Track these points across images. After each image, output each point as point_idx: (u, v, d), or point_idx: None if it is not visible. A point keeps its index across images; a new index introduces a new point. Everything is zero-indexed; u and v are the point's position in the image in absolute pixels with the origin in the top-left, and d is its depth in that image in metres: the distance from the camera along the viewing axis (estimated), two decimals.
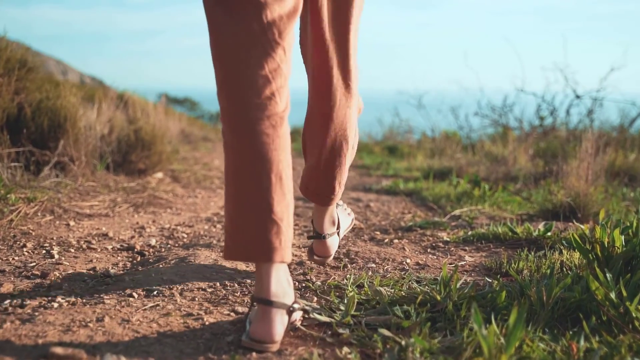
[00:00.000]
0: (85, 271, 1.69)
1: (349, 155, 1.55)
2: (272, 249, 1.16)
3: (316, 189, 1.58)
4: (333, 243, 1.71)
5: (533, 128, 7.93)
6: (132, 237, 2.24)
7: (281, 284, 1.19)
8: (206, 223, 2.64)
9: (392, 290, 1.46)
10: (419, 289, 1.43)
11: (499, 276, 1.64)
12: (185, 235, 2.30)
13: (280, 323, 1.15)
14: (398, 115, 10.10)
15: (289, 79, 1.26)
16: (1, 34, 3.03)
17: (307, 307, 1.35)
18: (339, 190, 1.58)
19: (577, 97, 7.70)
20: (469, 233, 2.27)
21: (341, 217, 1.76)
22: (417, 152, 7.26)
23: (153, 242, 2.16)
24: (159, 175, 3.93)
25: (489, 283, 1.55)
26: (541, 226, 2.21)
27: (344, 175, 1.57)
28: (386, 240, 2.15)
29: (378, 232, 2.36)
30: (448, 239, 2.18)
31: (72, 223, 2.34)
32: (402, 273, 1.70)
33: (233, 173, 1.20)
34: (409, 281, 1.58)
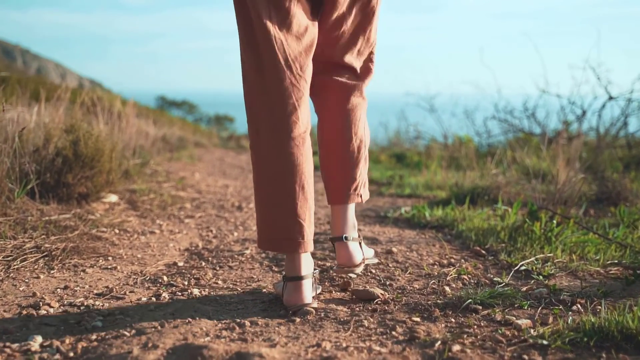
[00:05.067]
0: None
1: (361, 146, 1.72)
2: (297, 244, 1.49)
3: (337, 184, 1.70)
4: (356, 251, 1.70)
5: (559, 133, 7.02)
6: (4, 331, 1.32)
7: (307, 266, 1.52)
8: (148, 287, 1.73)
9: None
10: None
11: None
12: (99, 325, 1.39)
13: (309, 291, 1.51)
14: (405, 120, 9.19)
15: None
16: None
17: None
18: (361, 184, 1.72)
19: (611, 98, 6.79)
20: (570, 321, 1.36)
21: (364, 247, 1.80)
22: (430, 162, 6.36)
23: (35, 345, 1.25)
24: (112, 198, 3.02)
25: None
26: None
27: (361, 169, 1.72)
28: (437, 346, 1.24)
29: (417, 318, 1.44)
30: (545, 342, 1.26)
31: None
32: None
33: (265, 181, 1.52)
34: None
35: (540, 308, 1.52)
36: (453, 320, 1.43)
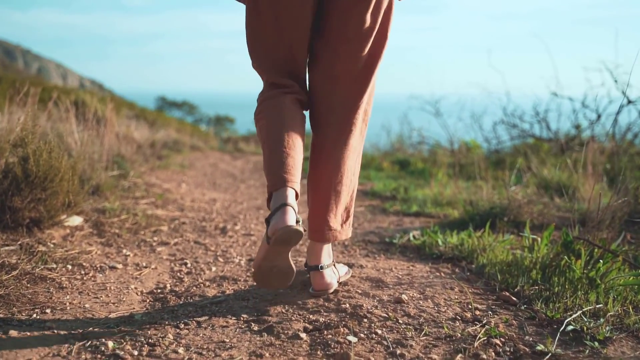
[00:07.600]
0: None
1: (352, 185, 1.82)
2: (285, 179, 1.52)
3: (319, 224, 1.77)
4: (331, 276, 1.80)
5: (581, 141, 6.59)
6: None
7: (294, 202, 1.50)
8: None
9: None
10: None
11: None
12: None
13: (293, 216, 1.45)
14: (409, 124, 8.76)
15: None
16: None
17: None
18: (347, 223, 1.83)
19: (630, 102, 6.36)
20: None
21: (339, 266, 1.92)
22: (436, 170, 5.94)
23: None
24: (75, 221, 2.61)
25: None
26: None
27: (343, 205, 1.79)
28: None
29: None
30: None
31: None
32: None
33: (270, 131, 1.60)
34: None
35: None
36: None
